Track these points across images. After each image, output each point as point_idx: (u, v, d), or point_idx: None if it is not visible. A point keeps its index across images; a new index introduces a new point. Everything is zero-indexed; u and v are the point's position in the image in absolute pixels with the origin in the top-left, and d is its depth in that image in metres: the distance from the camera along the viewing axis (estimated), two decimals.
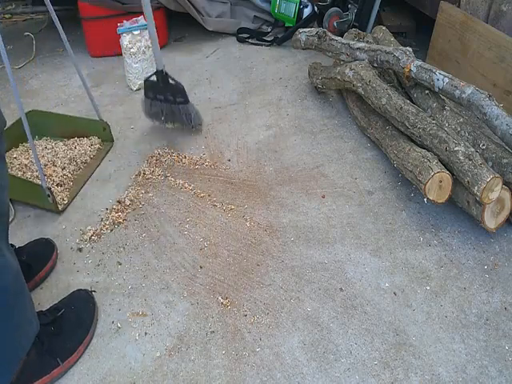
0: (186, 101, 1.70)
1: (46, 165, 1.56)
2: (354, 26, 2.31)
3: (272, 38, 2.58)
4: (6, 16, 2.96)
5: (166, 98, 1.68)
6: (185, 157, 1.67)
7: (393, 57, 1.61)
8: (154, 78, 1.65)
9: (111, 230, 1.37)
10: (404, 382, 1.00)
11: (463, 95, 1.38)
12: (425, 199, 1.32)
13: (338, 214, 1.42)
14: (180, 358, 1.05)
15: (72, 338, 1.05)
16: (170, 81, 1.65)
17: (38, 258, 1.23)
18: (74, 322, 1.07)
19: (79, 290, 1.16)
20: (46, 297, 1.18)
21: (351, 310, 1.15)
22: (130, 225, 1.39)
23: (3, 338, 0.91)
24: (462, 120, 1.46)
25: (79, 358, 1.04)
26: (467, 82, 1.40)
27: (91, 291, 1.16)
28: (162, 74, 1.63)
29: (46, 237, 1.32)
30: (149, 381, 1.01)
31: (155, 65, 1.63)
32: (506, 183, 1.27)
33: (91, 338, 1.08)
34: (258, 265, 1.26)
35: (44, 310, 1.08)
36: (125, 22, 2.00)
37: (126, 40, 1.99)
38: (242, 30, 2.64)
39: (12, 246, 1.20)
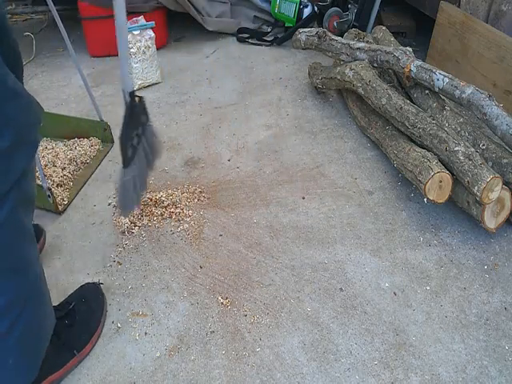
0: None
1: (46, 165, 1.56)
2: (354, 26, 2.31)
3: (272, 38, 2.58)
4: None
5: None
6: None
7: (393, 57, 1.61)
8: None
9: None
10: (404, 382, 1.00)
11: (463, 95, 1.38)
12: (425, 199, 1.32)
13: (337, 214, 1.42)
14: (180, 358, 1.05)
15: (85, 328, 1.06)
16: None
17: None
18: (86, 313, 1.08)
19: (87, 284, 1.17)
20: None
21: (351, 309, 1.15)
22: (129, 225, 1.39)
23: (37, 324, 0.90)
24: (462, 120, 1.46)
25: (92, 347, 1.06)
26: (467, 82, 1.41)
27: (99, 284, 1.17)
28: None
29: (34, 222, 1.30)
30: (149, 381, 1.01)
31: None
32: (506, 183, 1.27)
33: (102, 328, 1.10)
34: (258, 265, 1.26)
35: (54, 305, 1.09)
36: None
37: None
38: (241, 30, 2.64)
39: None
